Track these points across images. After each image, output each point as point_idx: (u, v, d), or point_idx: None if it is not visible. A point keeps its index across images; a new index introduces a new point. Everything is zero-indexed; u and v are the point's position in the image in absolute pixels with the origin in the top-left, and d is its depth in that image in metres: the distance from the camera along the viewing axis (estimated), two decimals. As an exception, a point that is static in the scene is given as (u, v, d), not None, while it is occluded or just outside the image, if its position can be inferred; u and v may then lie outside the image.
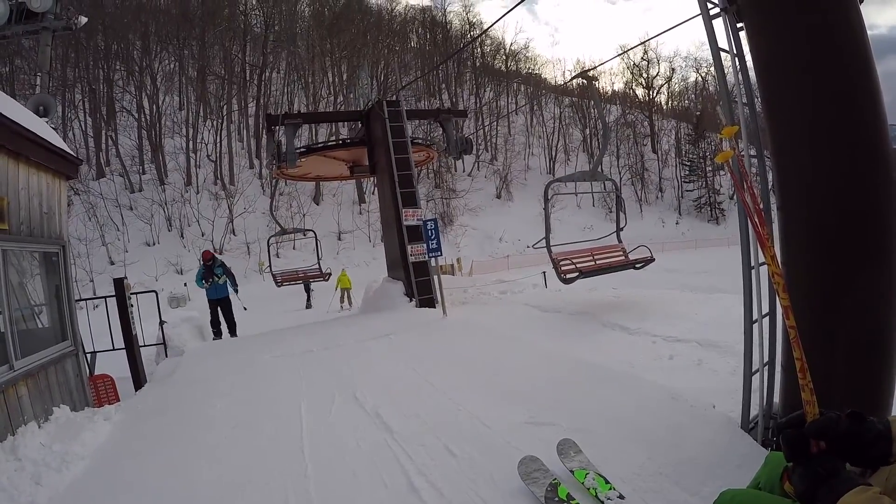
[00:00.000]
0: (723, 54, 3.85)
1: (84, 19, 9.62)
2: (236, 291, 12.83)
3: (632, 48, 64.39)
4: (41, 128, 6.34)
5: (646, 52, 68.87)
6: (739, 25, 3.77)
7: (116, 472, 4.54)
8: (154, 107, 54.10)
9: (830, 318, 3.30)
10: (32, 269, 6.37)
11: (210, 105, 57.72)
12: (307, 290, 24.91)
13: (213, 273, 12.48)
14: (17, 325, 5.49)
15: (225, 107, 57.40)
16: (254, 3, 62.69)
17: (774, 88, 3.57)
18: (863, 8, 3.40)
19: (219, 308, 12.61)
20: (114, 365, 8.39)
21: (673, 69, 73.76)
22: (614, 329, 8.47)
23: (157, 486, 4.19)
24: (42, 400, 5.60)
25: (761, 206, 3.40)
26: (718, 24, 3.80)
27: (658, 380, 5.26)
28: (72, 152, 7.13)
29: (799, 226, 3.50)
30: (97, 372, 8.03)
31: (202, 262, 12.95)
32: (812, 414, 1.74)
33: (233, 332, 12.76)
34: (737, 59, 3.82)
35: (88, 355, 7.73)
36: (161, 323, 9.92)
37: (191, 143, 54.81)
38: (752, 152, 3.85)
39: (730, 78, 3.85)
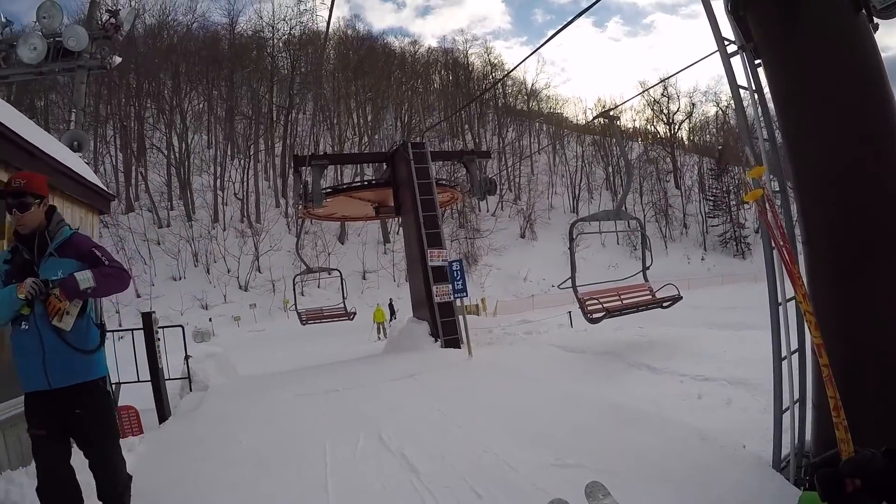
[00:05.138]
0: (742, 91, 3.86)
1: (118, 59, 9.94)
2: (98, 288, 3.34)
3: (652, 87, 64.73)
4: (76, 163, 6.54)
5: (665, 88, 69.19)
6: (757, 62, 3.80)
7: (139, 505, 4.54)
8: (183, 144, 56.13)
9: (860, 353, 3.24)
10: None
11: (238, 144, 59.48)
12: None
13: (35, 266, 3.32)
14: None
15: (252, 146, 59.06)
16: (281, 46, 64.66)
17: (793, 123, 3.58)
18: (876, 35, 3.42)
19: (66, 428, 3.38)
20: (137, 397, 8.44)
21: (693, 104, 74.12)
22: (641, 369, 8.34)
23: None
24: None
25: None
26: (736, 62, 3.83)
27: (686, 420, 5.16)
28: (104, 187, 7.30)
29: (823, 260, 3.46)
30: (121, 403, 8.08)
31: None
32: (847, 452, 1.70)
33: None
34: (756, 95, 3.83)
35: (113, 386, 7.78)
36: (186, 357, 9.97)
37: (218, 181, 56.44)
38: (775, 186, 3.83)
39: (750, 112, 3.86)
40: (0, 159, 4.70)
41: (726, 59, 3.82)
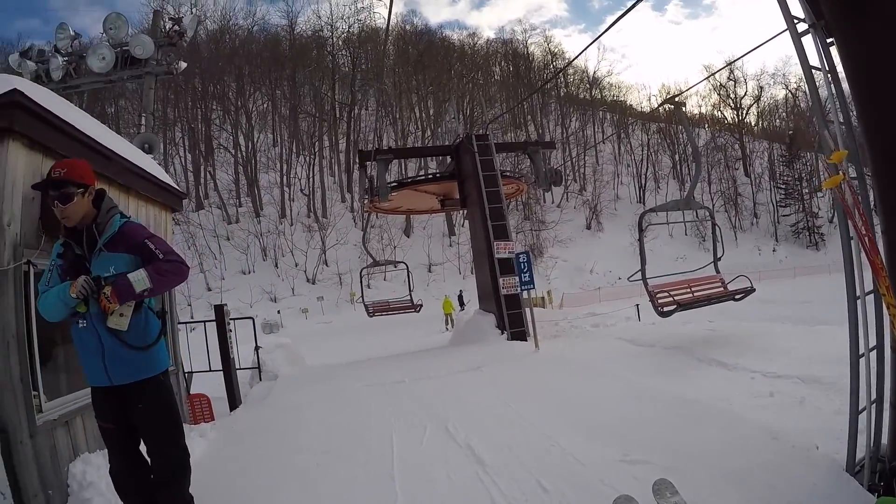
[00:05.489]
0: (815, 72, 3.67)
1: (184, 64, 10.36)
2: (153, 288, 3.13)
3: (717, 71, 62.46)
4: (148, 164, 6.83)
5: (731, 71, 66.69)
6: (830, 40, 3.56)
7: (210, 489, 4.63)
8: (249, 143, 58.02)
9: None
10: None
11: (302, 141, 60.98)
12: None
13: (86, 262, 3.15)
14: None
15: (316, 143, 60.46)
16: (340, 44, 65.80)
17: (870, 105, 3.35)
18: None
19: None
20: (209, 385, 8.79)
21: (761, 87, 71.17)
22: (711, 364, 8.11)
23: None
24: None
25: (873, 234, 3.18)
26: (808, 41, 3.62)
27: (757, 418, 4.99)
28: (176, 186, 7.60)
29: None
30: (193, 391, 8.44)
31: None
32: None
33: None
34: (829, 75, 3.60)
35: (186, 375, 8.14)
36: (256, 348, 10.34)
37: (284, 177, 58.11)
38: (852, 173, 3.62)
39: (822, 94, 3.66)
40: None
41: (797, 38, 3.62)
